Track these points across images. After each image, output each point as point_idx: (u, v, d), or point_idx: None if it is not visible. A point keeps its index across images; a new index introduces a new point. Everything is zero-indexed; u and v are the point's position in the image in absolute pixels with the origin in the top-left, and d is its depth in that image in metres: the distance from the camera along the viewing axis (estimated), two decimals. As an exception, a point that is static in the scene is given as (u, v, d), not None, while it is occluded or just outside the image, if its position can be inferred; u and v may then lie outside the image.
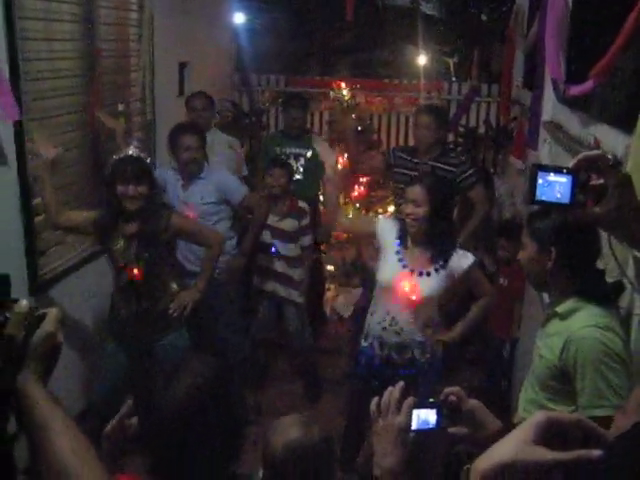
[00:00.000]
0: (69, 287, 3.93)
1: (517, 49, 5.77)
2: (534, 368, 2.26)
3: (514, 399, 2.72)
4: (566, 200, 1.20)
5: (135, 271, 3.36)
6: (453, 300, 3.68)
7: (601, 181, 1.19)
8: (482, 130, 6.49)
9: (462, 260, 3.17)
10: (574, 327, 2.07)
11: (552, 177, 1.21)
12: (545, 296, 2.79)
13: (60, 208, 3.49)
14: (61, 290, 3.85)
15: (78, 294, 3.99)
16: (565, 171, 1.21)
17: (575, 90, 3.17)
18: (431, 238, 3.14)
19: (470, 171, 4.38)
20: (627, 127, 2.35)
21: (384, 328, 3.22)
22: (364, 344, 3.36)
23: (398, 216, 3.45)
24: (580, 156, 1.22)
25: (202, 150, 4.21)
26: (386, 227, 3.29)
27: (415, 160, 4.37)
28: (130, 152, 3.38)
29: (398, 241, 3.21)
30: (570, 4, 3.57)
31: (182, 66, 5.56)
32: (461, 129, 6.54)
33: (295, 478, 1.91)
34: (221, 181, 4.21)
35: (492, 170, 5.93)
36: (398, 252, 3.19)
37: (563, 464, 0.88)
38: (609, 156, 1.21)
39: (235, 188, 4.25)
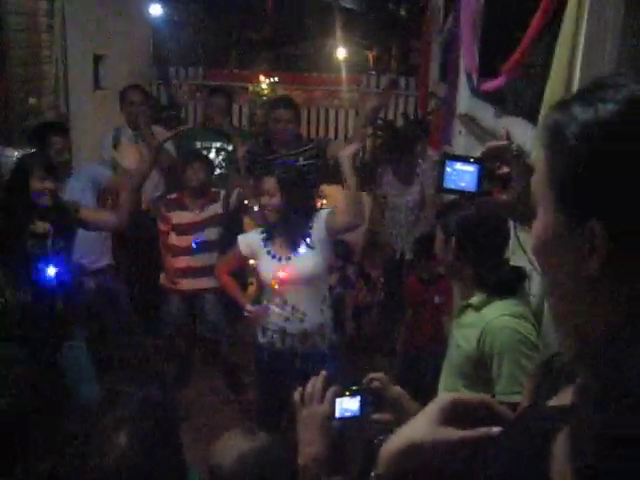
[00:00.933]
0: None
1: (434, 42, 5.89)
2: (451, 357, 2.32)
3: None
4: (473, 188, 1.25)
5: (53, 269, 3.27)
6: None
7: (507, 170, 1.25)
8: (400, 123, 6.60)
9: (319, 221, 3.28)
10: (489, 317, 2.13)
11: (460, 166, 1.25)
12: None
13: None
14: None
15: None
16: (472, 160, 1.25)
17: (487, 85, 3.27)
18: (290, 223, 3.25)
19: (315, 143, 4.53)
20: (535, 119, 2.45)
21: (287, 319, 3.28)
22: (262, 340, 3.38)
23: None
24: (487, 146, 1.26)
25: (69, 151, 4.15)
26: (248, 240, 3.41)
27: (272, 155, 4.40)
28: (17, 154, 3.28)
29: (264, 242, 3.31)
30: (483, 0, 3.67)
31: (97, 59, 5.42)
32: (379, 122, 6.63)
33: None
34: (90, 171, 4.19)
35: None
36: (269, 252, 3.30)
37: (468, 442, 0.92)
38: (514, 146, 1.26)
39: (103, 173, 4.23)
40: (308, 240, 3.27)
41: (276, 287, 3.28)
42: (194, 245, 4.34)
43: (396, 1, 8.08)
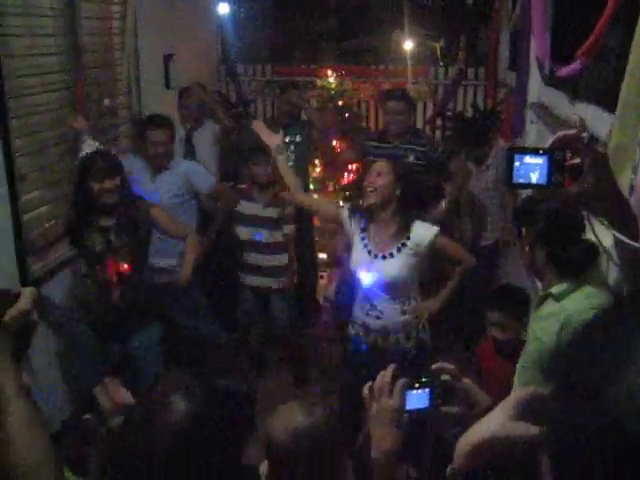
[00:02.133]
0: (61, 284, 3.92)
1: (502, 31, 5.76)
2: (530, 350, 2.26)
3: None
4: (543, 181, 1.21)
5: (119, 265, 3.35)
6: (432, 274, 3.64)
7: (577, 160, 1.20)
8: (470, 113, 6.48)
9: (425, 233, 3.18)
10: (570, 308, 2.08)
11: (528, 159, 1.21)
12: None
13: None
14: (53, 287, 3.84)
15: (69, 290, 3.99)
16: (541, 152, 1.21)
17: (563, 71, 3.17)
18: (394, 213, 3.18)
19: (441, 149, 4.49)
20: (612, 106, 2.36)
21: (367, 314, 3.25)
22: (352, 332, 3.38)
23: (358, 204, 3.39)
24: (555, 136, 1.22)
25: (170, 144, 4.23)
26: (349, 215, 3.32)
27: (386, 145, 4.41)
28: (94, 147, 3.39)
29: (362, 226, 3.24)
30: (553, -16, 3.56)
31: (167, 58, 5.53)
32: (449, 113, 6.53)
33: (304, 463, 1.84)
34: (189, 171, 4.25)
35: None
36: (363, 238, 3.24)
37: (546, 438, 0.89)
38: (584, 134, 1.21)
39: (203, 177, 4.29)
40: (405, 244, 3.20)
41: (361, 279, 3.25)
42: (257, 238, 4.38)
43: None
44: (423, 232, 3.17)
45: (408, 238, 3.16)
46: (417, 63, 6.79)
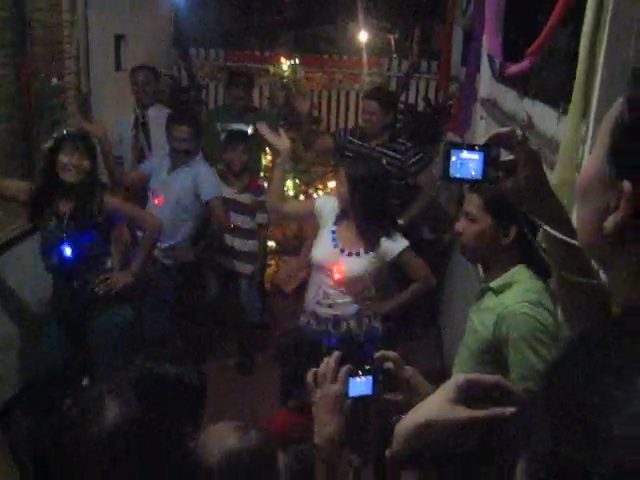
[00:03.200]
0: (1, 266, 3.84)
1: (456, 26, 5.83)
2: (468, 342, 2.30)
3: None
4: (478, 176, 1.26)
5: (67, 251, 3.30)
6: (389, 281, 3.68)
7: (511, 157, 1.25)
8: (421, 107, 6.55)
9: (394, 244, 3.25)
10: (506, 302, 2.12)
11: (465, 154, 1.26)
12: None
13: None
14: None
15: (11, 274, 3.89)
16: (477, 148, 1.26)
17: (512, 69, 3.23)
18: (358, 220, 3.21)
19: (417, 157, 4.37)
20: (559, 104, 2.43)
21: (318, 302, 3.29)
22: (302, 320, 3.42)
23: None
24: (491, 133, 1.27)
25: (194, 141, 4.20)
26: (325, 205, 3.36)
27: (364, 145, 4.39)
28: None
29: (335, 219, 3.29)
30: (506, -18, 3.62)
31: (118, 39, 5.42)
32: (400, 106, 6.58)
33: None
34: (200, 173, 4.20)
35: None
36: (333, 231, 3.28)
37: (480, 421, 0.92)
38: (518, 132, 1.26)
39: (209, 185, 4.22)
40: (372, 251, 3.21)
41: (320, 268, 3.28)
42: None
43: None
44: (391, 245, 3.23)
45: (376, 243, 3.20)
46: (371, 54, 6.81)
